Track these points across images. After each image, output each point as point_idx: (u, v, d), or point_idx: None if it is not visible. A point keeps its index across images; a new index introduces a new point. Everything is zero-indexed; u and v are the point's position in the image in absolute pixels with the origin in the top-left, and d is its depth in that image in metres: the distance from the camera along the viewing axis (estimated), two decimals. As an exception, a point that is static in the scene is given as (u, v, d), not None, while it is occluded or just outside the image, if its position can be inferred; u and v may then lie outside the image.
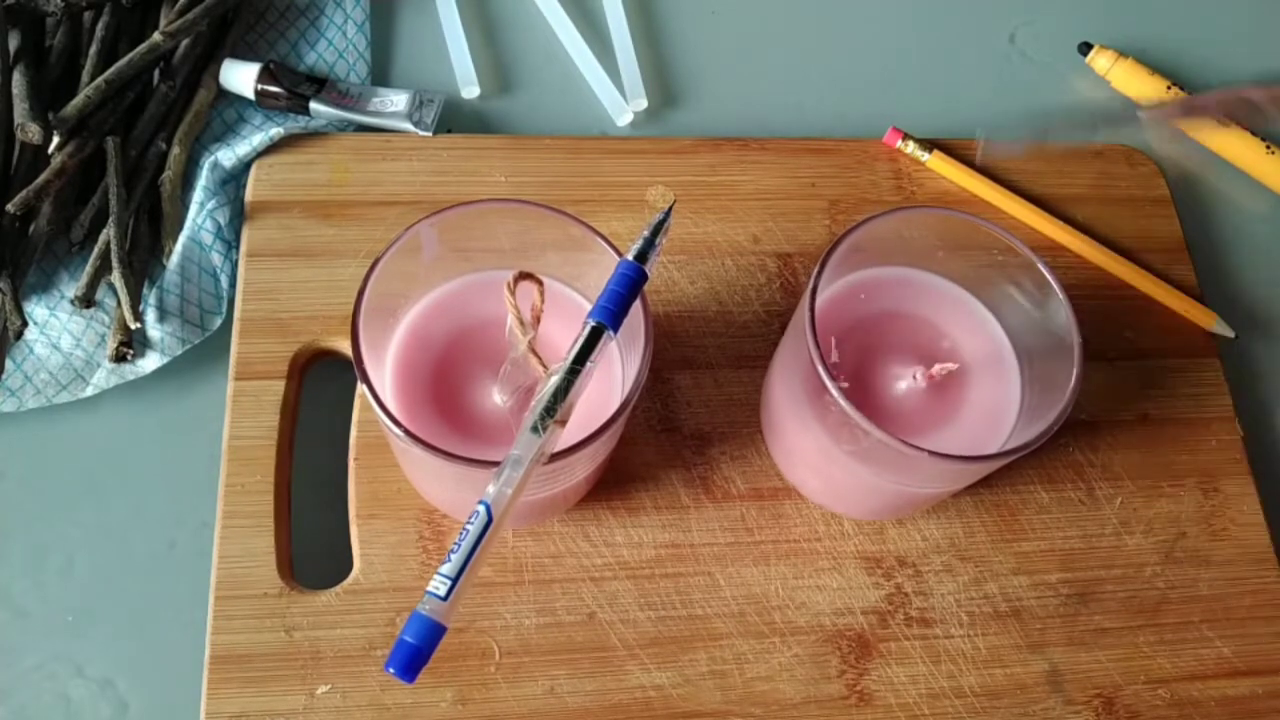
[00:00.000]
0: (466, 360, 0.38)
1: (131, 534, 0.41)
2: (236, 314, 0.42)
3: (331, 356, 0.43)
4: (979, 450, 0.37)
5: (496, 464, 0.31)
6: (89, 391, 0.42)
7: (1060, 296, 0.37)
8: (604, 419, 0.33)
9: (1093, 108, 0.34)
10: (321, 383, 0.43)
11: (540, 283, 0.34)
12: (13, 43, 0.44)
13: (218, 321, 0.43)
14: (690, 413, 0.43)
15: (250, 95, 0.47)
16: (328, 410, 0.42)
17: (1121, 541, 0.43)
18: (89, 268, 0.42)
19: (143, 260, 0.44)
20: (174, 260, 0.43)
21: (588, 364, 0.32)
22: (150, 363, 0.42)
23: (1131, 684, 0.41)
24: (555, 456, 0.31)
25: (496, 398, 0.37)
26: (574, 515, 0.41)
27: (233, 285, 0.44)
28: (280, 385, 0.41)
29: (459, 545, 0.29)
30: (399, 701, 0.37)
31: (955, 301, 0.41)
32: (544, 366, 0.34)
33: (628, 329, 0.34)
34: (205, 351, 0.43)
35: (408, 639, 0.27)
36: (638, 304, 0.34)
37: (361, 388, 0.32)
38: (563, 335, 0.33)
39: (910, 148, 0.49)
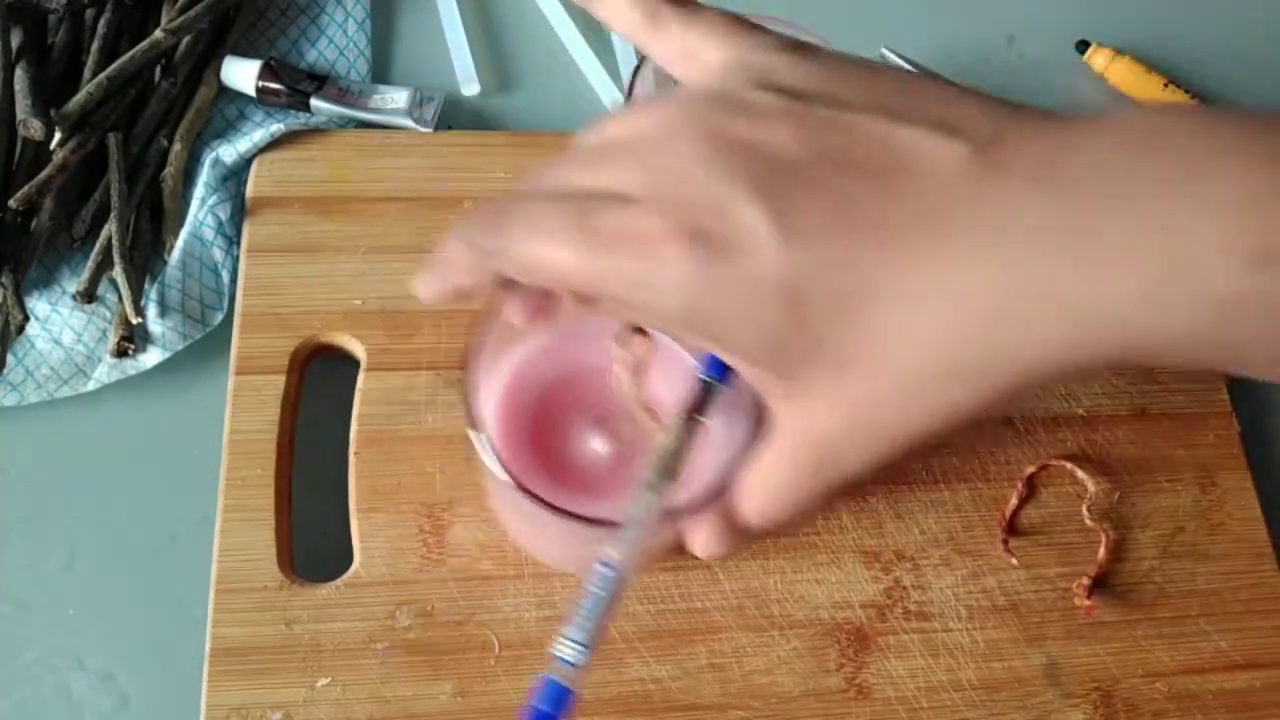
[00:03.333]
0: (567, 408, 0.37)
1: (132, 528, 0.41)
2: (237, 309, 0.43)
3: (332, 351, 0.43)
4: None
5: (613, 524, 0.29)
6: (90, 386, 0.42)
7: None
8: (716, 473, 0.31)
9: None
10: (322, 377, 0.43)
11: (648, 335, 0.33)
12: (15, 39, 0.44)
13: (219, 317, 0.43)
14: (689, 407, 0.43)
15: (251, 92, 0.47)
16: (328, 404, 0.42)
17: (1119, 536, 0.44)
18: (91, 263, 0.42)
19: (144, 256, 0.44)
20: (175, 256, 0.43)
21: (701, 419, 0.30)
22: (151, 358, 0.42)
23: (1129, 677, 0.41)
24: (673, 513, 0.30)
25: (596, 446, 0.37)
26: (573, 509, 0.41)
27: (234, 280, 0.44)
28: (281, 380, 0.42)
29: (586, 609, 0.28)
30: (399, 694, 0.37)
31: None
32: (656, 420, 0.34)
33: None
34: (206, 346, 0.43)
35: (542, 708, 0.26)
36: None
37: (476, 443, 0.31)
38: (666, 387, 0.33)
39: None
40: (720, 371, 0.30)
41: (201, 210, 0.44)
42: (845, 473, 0.26)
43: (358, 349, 0.43)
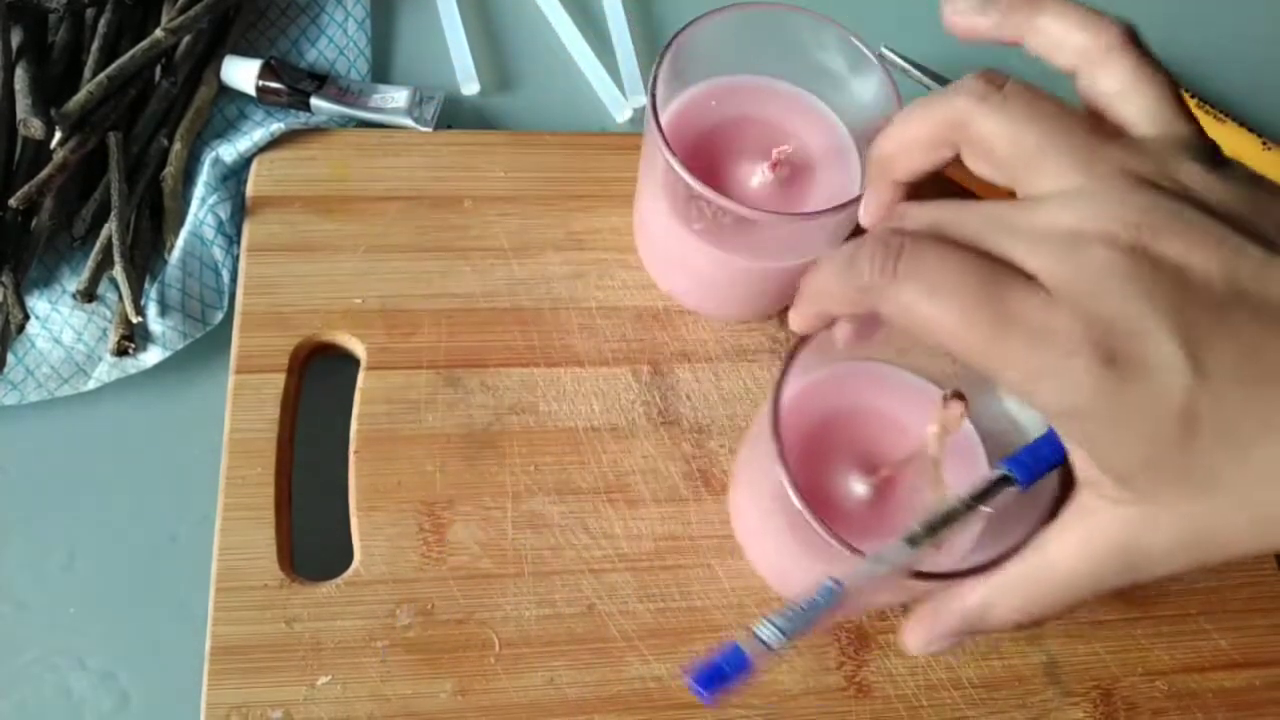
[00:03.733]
0: (832, 441, 0.38)
1: (133, 527, 0.41)
2: (237, 308, 0.43)
3: (332, 350, 0.43)
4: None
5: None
6: (90, 385, 0.42)
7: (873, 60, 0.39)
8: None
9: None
10: (322, 376, 0.43)
11: (966, 404, 0.34)
12: (15, 39, 0.44)
13: (219, 316, 0.43)
14: (690, 406, 0.43)
15: (251, 91, 0.47)
16: (328, 403, 0.42)
17: (1119, 534, 0.44)
18: (91, 262, 0.42)
19: (144, 255, 0.44)
20: (175, 255, 0.43)
21: (983, 508, 0.30)
22: (151, 356, 0.42)
23: (1129, 676, 0.41)
24: (918, 575, 0.31)
25: (853, 486, 0.37)
26: (573, 508, 0.41)
27: (234, 280, 0.44)
28: (281, 379, 0.42)
29: (799, 607, 0.29)
30: (399, 692, 0.38)
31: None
32: (941, 484, 0.34)
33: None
34: (206, 345, 0.43)
35: (720, 663, 0.28)
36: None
37: (778, 471, 0.32)
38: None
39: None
40: (1026, 476, 0.30)
41: (202, 209, 0.44)
42: (1149, 578, 0.27)
43: (358, 348, 0.43)
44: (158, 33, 0.45)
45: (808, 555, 0.35)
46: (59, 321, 0.43)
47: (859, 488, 0.37)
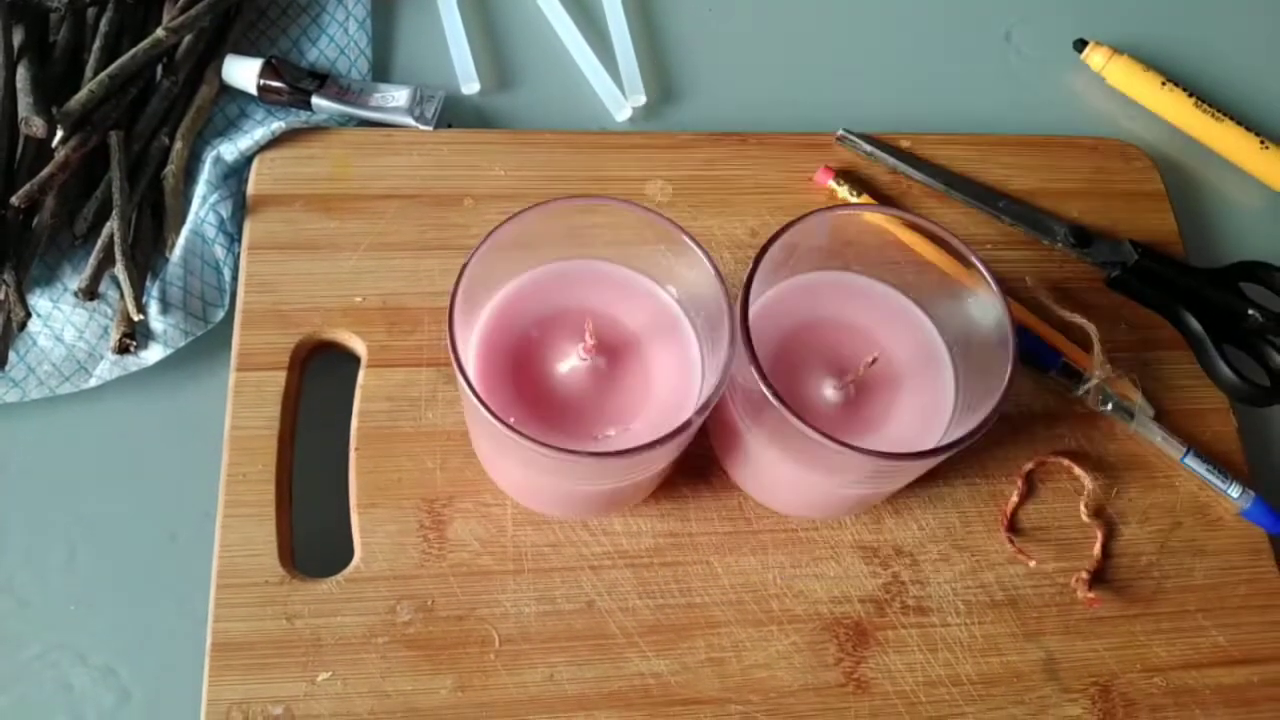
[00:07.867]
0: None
1: (134, 523, 0.41)
2: (238, 306, 0.43)
3: (332, 348, 0.44)
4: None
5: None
6: (92, 383, 0.42)
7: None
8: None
9: None
10: (322, 374, 0.43)
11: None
12: (17, 38, 0.44)
13: (220, 314, 0.44)
14: (688, 404, 0.44)
15: (252, 90, 0.47)
16: (328, 400, 0.43)
17: (1117, 531, 0.44)
18: (92, 260, 0.43)
19: (145, 253, 0.44)
20: (176, 253, 0.43)
21: None
22: (153, 354, 0.42)
23: (1127, 672, 0.41)
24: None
25: (828, 393, 0.38)
26: (573, 504, 0.41)
27: (235, 278, 0.44)
28: (281, 376, 0.42)
29: None
30: (399, 688, 0.38)
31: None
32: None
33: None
34: (207, 343, 0.43)
35: None
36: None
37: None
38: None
39: (844, 190, 0.48)
40: None
41: (203, 208, 0.44)
42: None
43: (358, 345, 0.43)
44: (159, 32, 0.45)
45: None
46: (61, 319, 0.43)
47: (830, 393, 0.38)
